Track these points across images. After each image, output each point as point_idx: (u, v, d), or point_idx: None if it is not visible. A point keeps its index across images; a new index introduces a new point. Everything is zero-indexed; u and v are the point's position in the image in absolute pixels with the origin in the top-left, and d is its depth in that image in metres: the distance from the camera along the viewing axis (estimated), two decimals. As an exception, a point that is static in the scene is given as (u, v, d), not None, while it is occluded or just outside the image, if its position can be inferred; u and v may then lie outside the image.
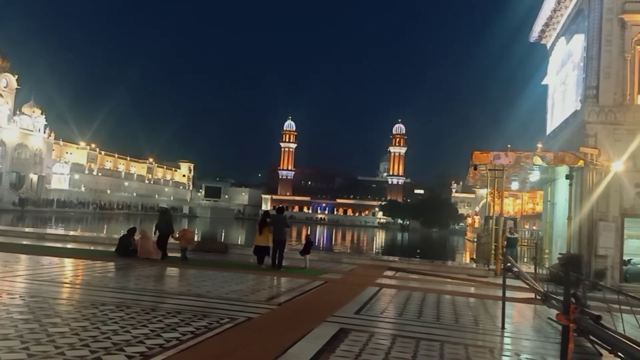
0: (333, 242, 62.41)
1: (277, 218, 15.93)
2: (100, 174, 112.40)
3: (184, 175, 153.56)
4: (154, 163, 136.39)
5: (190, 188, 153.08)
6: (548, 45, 24.98)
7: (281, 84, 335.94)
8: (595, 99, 17.12)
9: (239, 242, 43.77)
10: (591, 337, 6.52)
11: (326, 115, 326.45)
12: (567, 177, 17.27)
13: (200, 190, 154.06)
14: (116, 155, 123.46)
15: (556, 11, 22.18)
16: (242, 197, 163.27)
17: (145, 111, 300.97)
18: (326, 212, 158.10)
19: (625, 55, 17.01)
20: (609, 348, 5.82)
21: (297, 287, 11.94)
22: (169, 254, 15.81)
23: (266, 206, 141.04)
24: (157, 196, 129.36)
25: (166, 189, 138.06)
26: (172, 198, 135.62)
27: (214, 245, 20.21)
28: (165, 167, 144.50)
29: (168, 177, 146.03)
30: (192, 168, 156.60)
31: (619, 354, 5.44)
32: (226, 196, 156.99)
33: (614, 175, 16.29)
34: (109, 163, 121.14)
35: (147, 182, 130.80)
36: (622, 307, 6.50)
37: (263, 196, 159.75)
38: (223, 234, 59.42)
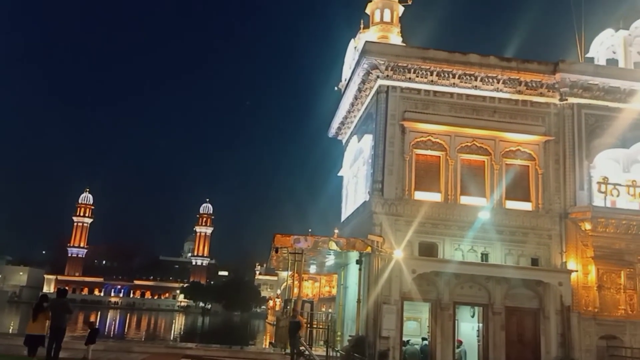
0: (125, 329, 57.19)
1: (56, 302, 14.08)
2: None
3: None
4: None
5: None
6: (344, 141, 27.75)
7: (77, 153, 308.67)
8: (381, 192, 19.23)
9: (10, 331, 38.07)
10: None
11: (129, 189, 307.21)
12: (357, 262, 18.74)
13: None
14: None
15: (350, 112, 24.94)
16: (20, 277, 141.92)
17: None
18: (121, 294, 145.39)
19: (405, 156, 19.63)
20: None
21: (73, 383, 10.48)
22: None
23: (49, 288, 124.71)
24: None
25: None
26: None
27: (-28, 336, 16.95)
28: None
29: None
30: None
31: None
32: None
33: (396, 262, 18.07)
34: None
35: None
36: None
37: (46, 276, 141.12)
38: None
